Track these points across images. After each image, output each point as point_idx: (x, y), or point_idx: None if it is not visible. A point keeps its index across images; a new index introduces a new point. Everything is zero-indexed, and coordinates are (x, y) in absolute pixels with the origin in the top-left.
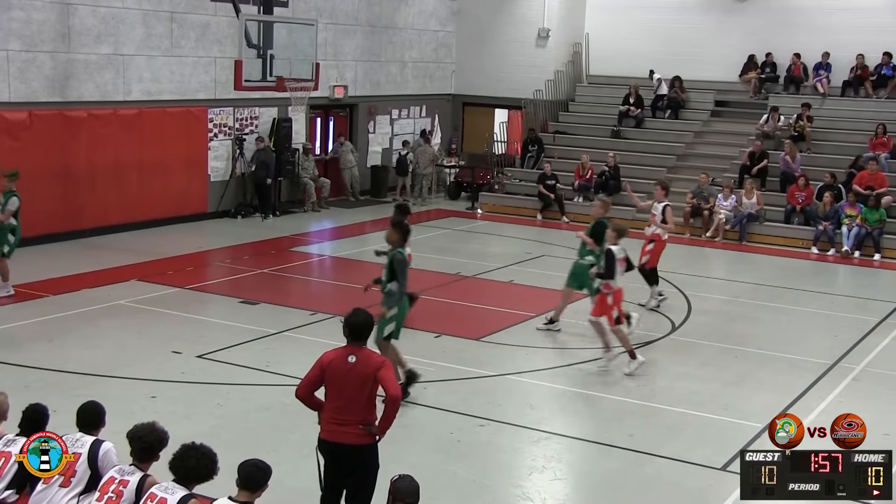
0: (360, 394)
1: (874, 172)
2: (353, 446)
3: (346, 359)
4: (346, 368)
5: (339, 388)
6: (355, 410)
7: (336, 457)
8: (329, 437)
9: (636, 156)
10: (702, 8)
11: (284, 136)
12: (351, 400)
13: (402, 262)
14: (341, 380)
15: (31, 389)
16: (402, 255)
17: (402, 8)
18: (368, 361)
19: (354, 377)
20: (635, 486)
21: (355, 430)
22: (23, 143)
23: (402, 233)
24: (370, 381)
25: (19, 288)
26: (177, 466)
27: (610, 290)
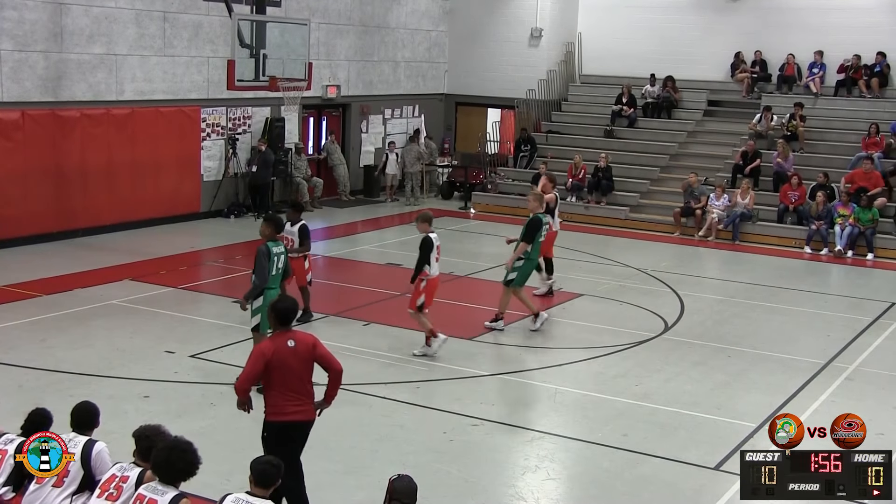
0: (306, 372)
1: (869, 172)
2: (308, 422)
3: (286, 345)
4: (290, 353)
5: (287, 373)
6: (307, 389)
7: (290, 434)
8: (297, 419)
9: (629, 155)
10: (694, 7)
11: (277, 136)
12: (301, 380)
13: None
14: (288, 365)
15: (24, 390)
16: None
17: (395, 8)
18: (305, 343)
19: (299, 360)
20: (628, 486)
21: (308, 407)
22: (15, 143)
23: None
24: (311, 360)
25: (12, 288)
26: (163, 469)
27: (425, 278)
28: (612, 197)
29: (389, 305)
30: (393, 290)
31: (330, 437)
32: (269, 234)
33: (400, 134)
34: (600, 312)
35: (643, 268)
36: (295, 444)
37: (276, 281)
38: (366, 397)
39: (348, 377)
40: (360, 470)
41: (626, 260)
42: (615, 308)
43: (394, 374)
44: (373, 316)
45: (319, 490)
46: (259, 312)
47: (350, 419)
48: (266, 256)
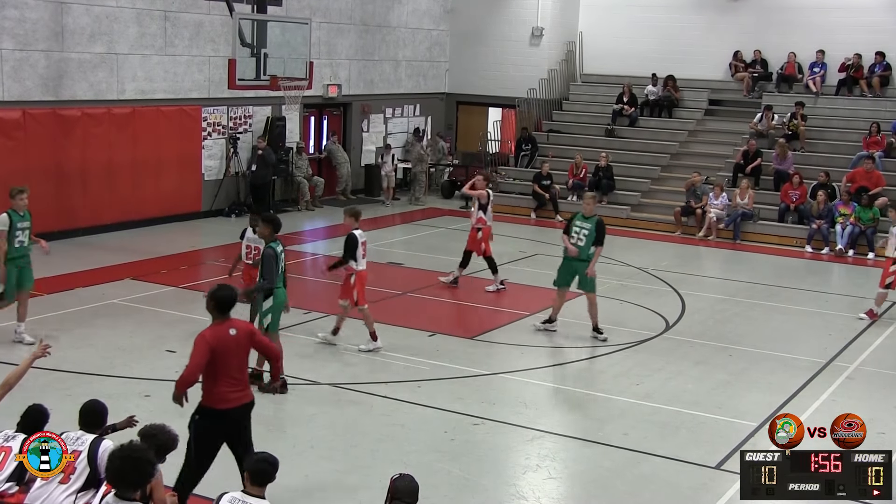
0: (245, 359)
1: (871, 171)
2: (249, 404)
3: (228, 333)
4: (232, 341)
5: (229, 361)
6: (244, 375)
7: (234, 419)
8: (237, 403)
9: (630, 155)
10: (695, 7)
11: (278, 135)
12: (240, 368)
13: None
14: (230, 353)
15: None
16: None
17: (396, 7)
18: (244, 330)
19: (239, 348)
20: (629, 485)
21: (248, 390)
22: (16, 142)
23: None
24: (248, 347)
25: None
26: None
27: (353, 272)
28: (613, 196)
29: (390, 305)
30: (394, 289)
31: (331, 437)
32: (269, 235)
33: (401, 133)
34: (601, 311)
35: (644, 267)
36: (239, 428)
37: (281, 280)
38: (367, 396)
39: (349, 376)
40: (361, 469)
41: (627, 259)
42: (616, 307)
43: (395, 374)
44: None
45: (321, 490)
46: (269, 313)
47: (351, 418)
48: (274, 258)
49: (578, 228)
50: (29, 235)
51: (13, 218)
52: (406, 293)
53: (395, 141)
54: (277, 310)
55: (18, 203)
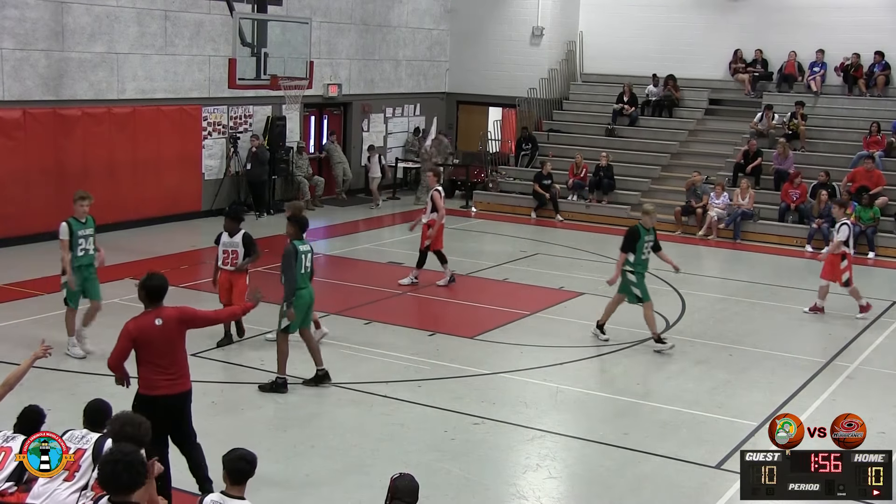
0: (177, 347)
1: (870, 170)
2: (183, 393)
3: (153, 323)
4: (157, 331)
5: (154, 350)
6: (180, 363)
7: (167, 407)
8: (166, 391)
9: (631, 154)
10: (696, 6)
11: (278, 135)
12: (170, 355)
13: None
14: (155, 342)
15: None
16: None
17: (396, 6)
18: (171, 318)
19: (167, 336)
20: (630, 485)
21: (182, 379)
22: (17, 142)
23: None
24: (180, 333)
25: (13, 286)
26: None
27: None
28: (614, 195)
29: (390, 304)
30: (394, 288)
31: (331, 436)
32: (295, 234)
33: (402, 132)
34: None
35: None
36: (173, 416)
37: (305, 280)
38: (367, 396)
39: (350, 377)
40: (361, 469)
41: None
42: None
43: (395, 373)
44: (374, 314)
45: (321, 488)
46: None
47: (351, 418)
48: (293, 256)
49: (647, 242)
50: (93, 242)
51: (74, 226)
52: (406, 293)
53: (395, 140)
54: (299, 311)
55: (79, 210)
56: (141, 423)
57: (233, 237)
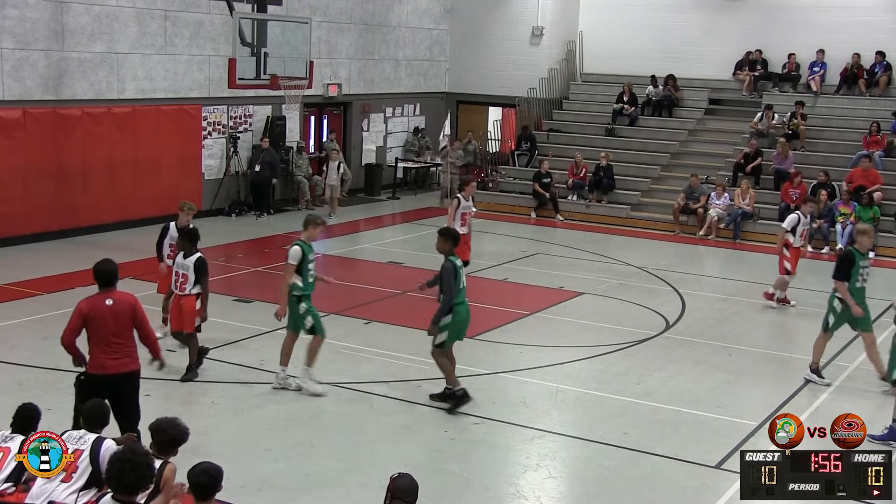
0: (125, 329)
1: (867, 170)
2: (129, 372)
3: (104, 303)
4: (108, 311)
5: (104, 329)
6: (126, 344)
7: (113, 386)
8: (113, 371)
9: (631, 154)
10: (696, 6)
11: (278, 135)
12: (119, 336)
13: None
14: (105, 321)
15: (25, 388)
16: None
17: (396, 6)
18: (125, 302)
19: (116, 317)
20: (629, 484)
21: (128, 359)
22: (17, 142)
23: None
24: (130, 318)
25: (13, 286)
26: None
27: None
28: (613, 195)
29: (391, 304)
30: (394, 288)
31: (332, 436)
32: (449, 249)
33: (402, 132)
34: (601, 311)
35: (644, 266)
36: (117, 394)
37: (462, 295)
38: (367, 396)
39: (350, 376)
40: (361, 468)
41: (627, 258)
42: (616, 306)
43: (395, 373)
44: (374, 314)
45: (321, 489)
46: (446, 329)
47: (352, 417)
48: (453, 273)
49: (863, 268)
50: (315, 268)
51: (305, 250)
52: (406, 292)
53: (395, 140)
54: (454, 326)
55: (312, 233)
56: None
57: (186, 259)
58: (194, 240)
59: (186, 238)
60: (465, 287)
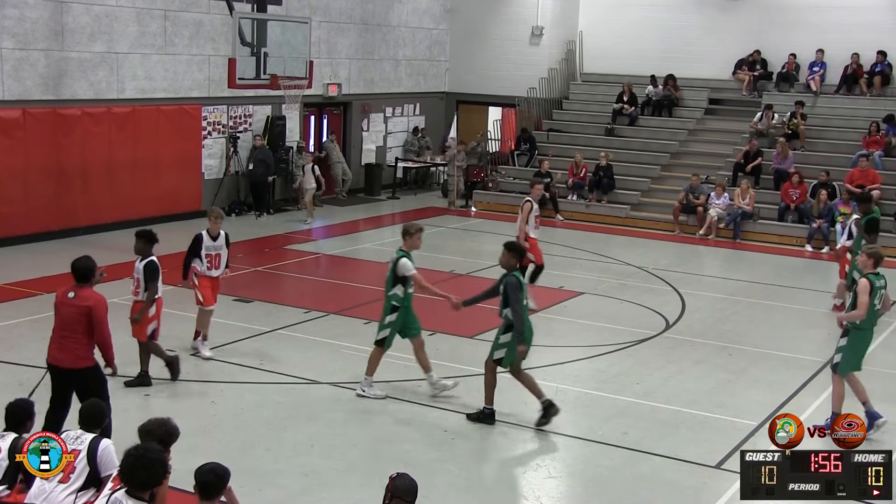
0: (78, 324)
1: (865, 170)
2: (79, 369)
3: (67, 295)
4: (67, 303)
5: (59, 320)
6: (75, 339)
7: (59, 377)
8: (51, 361)
9: (630, 154)
10: (695, 6)
11: (278, 134)
12: (69, 330)
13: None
14: (61, 312)
15: (25, 387)
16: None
17: (396, 6)
18: (85, 299)
19: (72, 311)
20: (629, 484)
21: (73, 354)
22: (16, 142)
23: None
24: (85, 316)
25: (13, 286)
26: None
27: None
28: (613, 195)
29: None
30: None
31: (331, 436)
32: (514, 265)
33: (402, 132)
34: (601, 310)
35: (644, 266)
36: (64, 386)
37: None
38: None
39: (349, 376)
40: (361, 468)
41: (627, 258)
42: (616, 306)
43: (395, 373)
44: (373, 314)
45: (321, 488)
46: (505, 347)
47: (351, 417)
48: (518, 289)
49: (879, 290)
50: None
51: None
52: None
53: (394, 140)
54: (512, 346)
55: (413, 242)
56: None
57: (140, 262)
58: (150, 241)
59: (142, 239)
60: (527, 304)
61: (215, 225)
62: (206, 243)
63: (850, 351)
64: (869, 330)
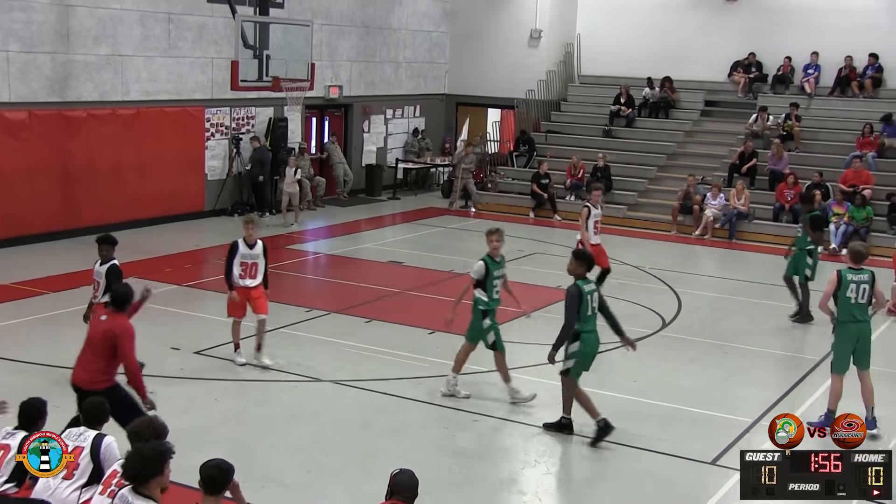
0: (102, 348)
1: (859, 171)
2: (96, 391)
3: (99, 318)
4: (96, 325)
5: (88, 338)
6: (96, 361)
7: (80, 397)
8: (73, 380)
9: (628, 155)
10: (692, 9)
11: (280, 136)
12: (93, 351)
13: None
14: (90, 333)
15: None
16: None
17: (396, 9)
18: (113, 325)
19: (98, 334)
20: (626, 480)
21: (89, 376)
22: (22, 143)
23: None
24: (110, 341)
25: (20, 285)
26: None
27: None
28: (611, 196)
29: (390, 303)
30: (394, 287)
31: (333, 433)
32: (582, 273)
33: (402, 133)
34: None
35: (641, 265)
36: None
37: (593, 322)
38: (368, 393)
39: (350, 374)
40: (362, 464)
41: (624, 258)
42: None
43: (396, 371)
44: (374, 313)
45: (323, 484)
46: (574, 357)
47: (353, 414)
48: (578, 299)
49: (856, 284)
50: (504, 284)
51: (490, 266)
52: (406, 291)
53: (395, 141)
54: (583, 355)
55: (495, 246)
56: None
57: (102, 266)
58: (111, 244)
59: (107, 244)
60: (594, 314)
61: (251, 232)
62: (242, 251)
63: (837, 346)
64: (850, 323)
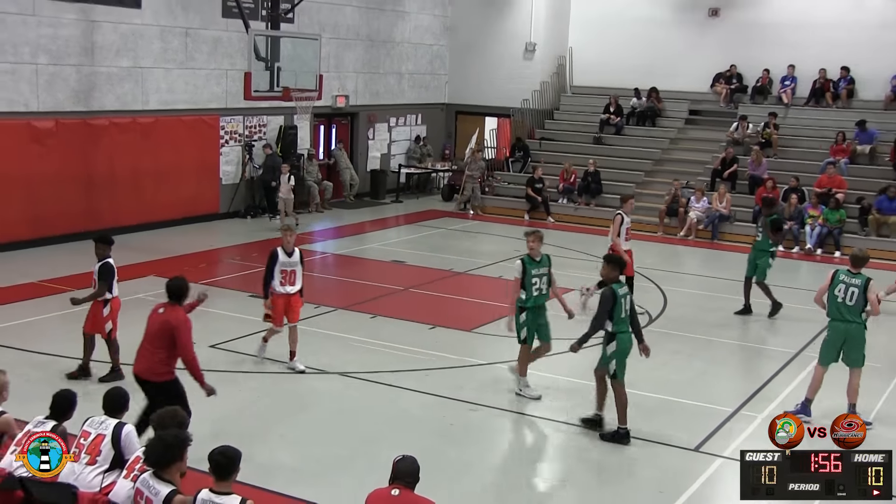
0: (161, 339)
1: (832, 176)
2: (152, 382)
3: (157, 311)
4: (155, 317)
5: (147, 331)
6: (155, 353)
7: (142, 386)
8: (135, 371)
9: (617, 161)
10: (677, 23)
11: (290, 143)
12: (151, 344)
13: None
14: (148, 325)
15: (59, 377)
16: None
17: (399, 23)
18: (171, 317)
19: (157, 326)
20: (617, 465)
21: (149, 367)
22: (49, 150)
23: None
24: (168, 333)
25: (46, 283)
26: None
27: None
28: (601, 199)
29: (393, 300)
30: (397, 285)
31: (340, 422)
32: (615, 277)
33: (405, 140)
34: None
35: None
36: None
37: (626, 323)
38: (373, 384)
39: (357, 366)
40: (367, 452)
41: None
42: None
43: (399, 363)
44: (379, 309)
45: (330, 471)
46: (613, 359)
47: (358, 405)
48: (611, 302)
49: (846, 286)
50: (549, 282)
51: (527, 265)
52: (408, 289)
53: (398, 148)
54: (620, 354)
55: (533, 246)
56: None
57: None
58: (107, 243)
59: (100, 241)
60: (627, 316)
61: (289, 240)
62: (282, 259)
63: (824, 340)
64: (839, 322)
